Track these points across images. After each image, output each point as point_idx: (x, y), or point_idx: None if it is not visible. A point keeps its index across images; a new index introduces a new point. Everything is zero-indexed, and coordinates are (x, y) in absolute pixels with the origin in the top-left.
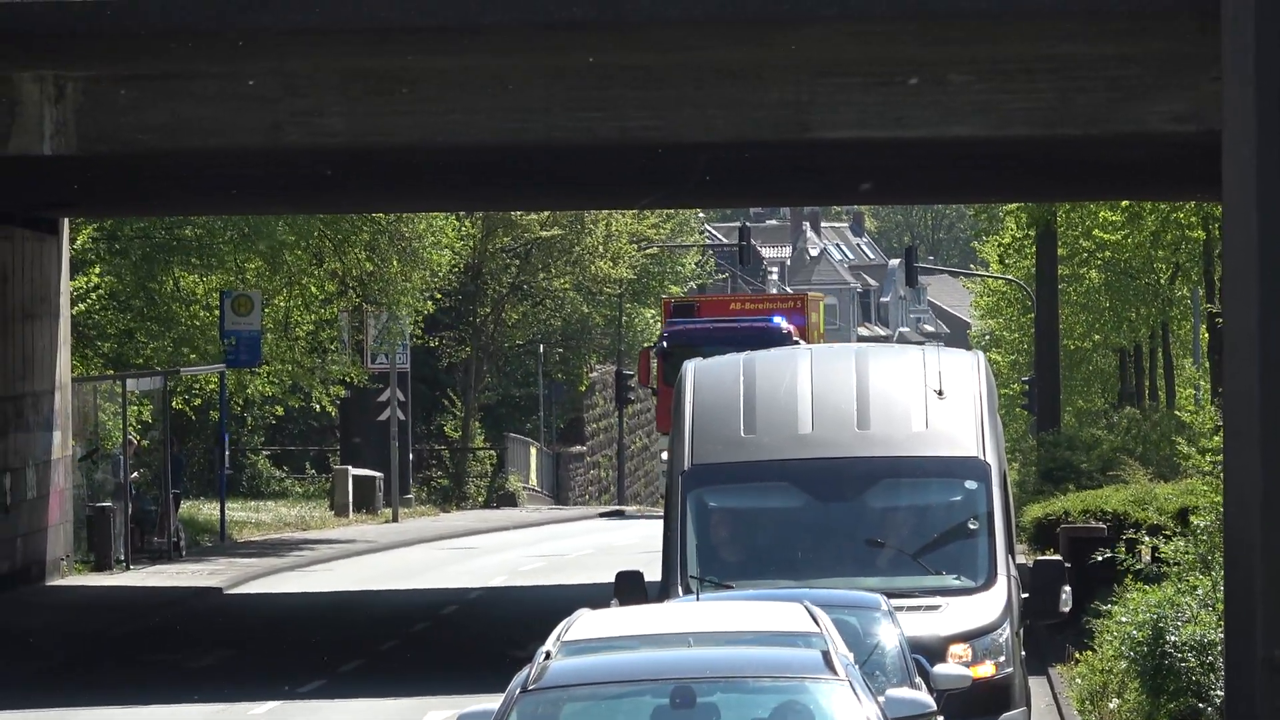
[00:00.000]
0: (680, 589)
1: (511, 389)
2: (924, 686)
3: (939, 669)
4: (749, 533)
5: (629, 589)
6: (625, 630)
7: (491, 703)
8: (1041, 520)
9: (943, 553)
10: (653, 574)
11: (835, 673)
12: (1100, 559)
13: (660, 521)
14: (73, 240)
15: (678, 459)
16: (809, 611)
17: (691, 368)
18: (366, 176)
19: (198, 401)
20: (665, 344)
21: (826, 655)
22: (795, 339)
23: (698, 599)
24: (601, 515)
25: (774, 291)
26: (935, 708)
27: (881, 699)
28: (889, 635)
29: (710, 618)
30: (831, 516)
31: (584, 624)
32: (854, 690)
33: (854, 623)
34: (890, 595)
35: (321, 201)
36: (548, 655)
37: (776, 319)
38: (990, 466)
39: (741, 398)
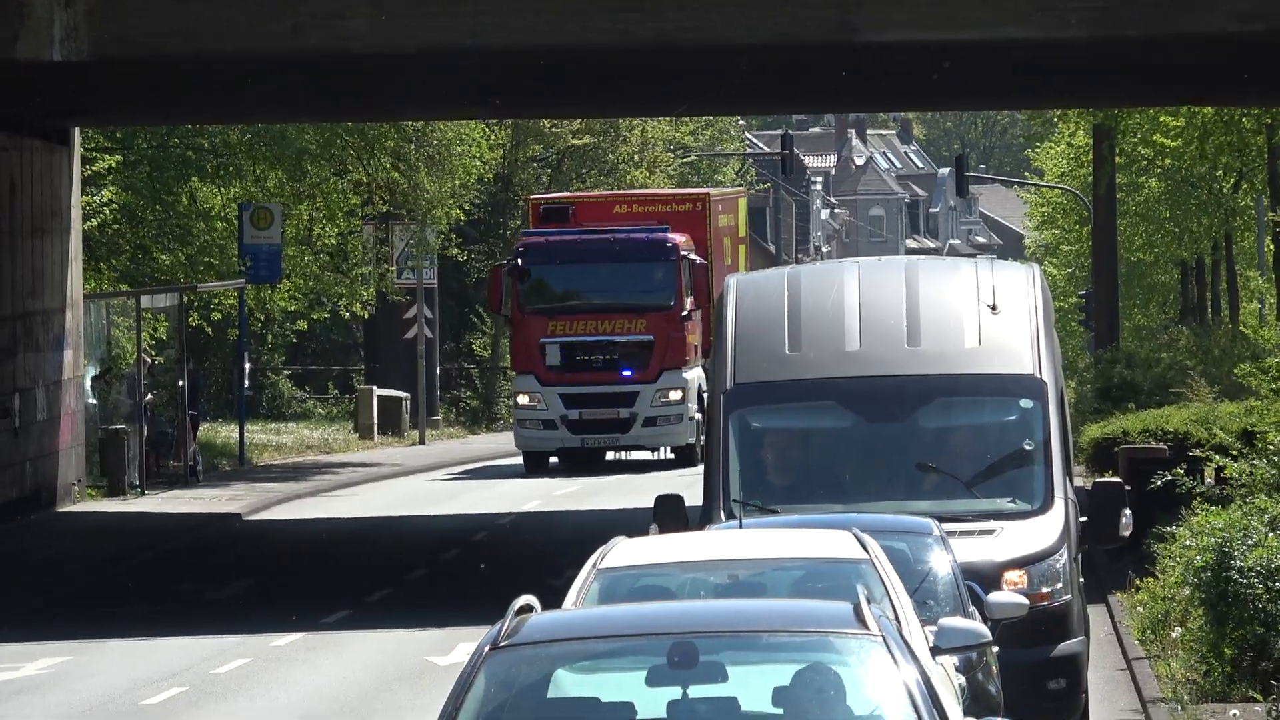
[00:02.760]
0: (723, 514)
1: None
2: (978, 615)
3: (993, 597)
4: (794, 455)
5: (669, 514)
6: (664, 557)
7: None
8: (1100, 441)
9: (997, 475)
10: (694, 498)
11: (867, 627)
12: (1161, 481)
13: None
14: (84, 151)
15: (719, 377)
16: (857, 538)
17: (733, 282)
18: (392, 82)
19: (216, 318)
20: (519, 260)
21: (857, 608)
22: (686, 252)
23: (740, 525)
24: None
25: (701, 190)
26: (990, 638)
27: (933, 628)
28: (941, 562)
29: (753, 544)
30: (881, 437)
31: (621, 551)
32: (889, 648)
33: (904, 549)
34: (942, 520)
35: (345, 108)
36: (525, 609)
37: (662, 230)
38: (1046, 384)
39: (786, 313)
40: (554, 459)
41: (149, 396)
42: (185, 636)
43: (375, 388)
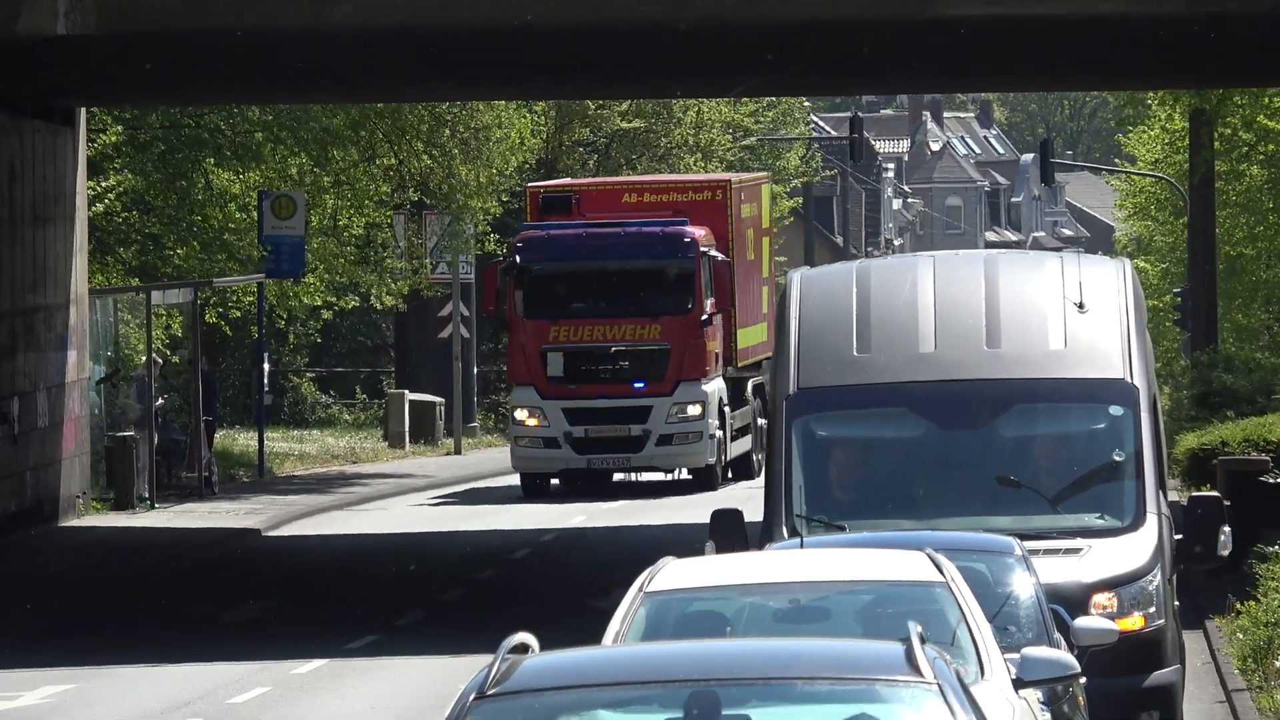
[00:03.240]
0: (785, 530)
1: None
2: (1063, 643)
3: (1081, 622)
4: (863, 466)
5: (727, 530)
6: (717, 579)
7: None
8: (1196, 452)
9: (1084, 488)
10: (753, 513)
11: (920, 673)
12: (1265, 494)
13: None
14: (91, 133)
15: (781, 382)
16: (931, 558)
17: (797, 277)
18: (425, 60)
19: (234, 315)
20: (516, 256)
21: (909, 650)
22: (707, 248)
23: (802, 543)
24: None
25: (721, 176)
26: (1078, 669)
27: (1016, 658)
28: (1023, 584)
29: (816, 565)
30: (957, 447)
31: (670, 573)
32: (945, 698)
33: (983, 569)
34: (1024, 537)
35: (374, 89)
36: (519, 648)
37: (679, 223)
38: (1138, 390)
39: (854, 311)
40: (555, 480)
41: (160, 401)
42: (199, 663)
43: (407, 392)
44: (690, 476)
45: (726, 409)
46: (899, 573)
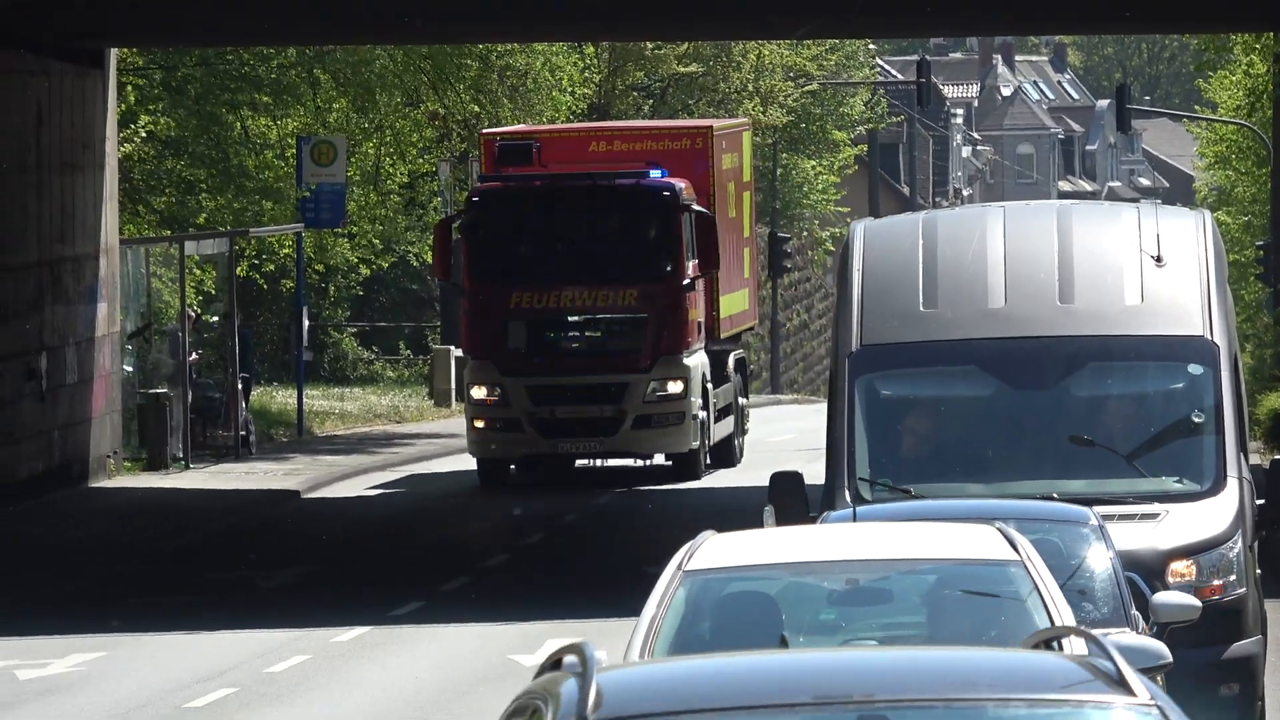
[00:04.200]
0: (847, 494)
1: None
2: (1141, 619)
3: (1161, 598)
4: (929, 427)
5: (786, 493)
6: (763, 557)
7: (615, 634)
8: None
9: (1162, 451)
10: (814, 475)
11: (1132, 692)
12: None
13: (823, 413)
14: (121, 77)
15: (844, 339)
16: (1004, 533)
17: (860, 229)
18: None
19: (270, 268)
20: (472, 212)
21: (1118, 668)
22: (689, 202)
23: (855, 515)
24: None
25: (702, 122)
26: (1170, 659)
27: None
28: (1098, 557)
29: (874, 540)
30: (1028, 407)
31: (711, 549)
32: None
33: (1055, 541)
34: (1099, 502)
35: (418, 30)
36: (579, 660)
37: (655, 173)
38: (1219, 348)
39: (920, 264)
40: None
41: (194, 357)
42: (234, 630)
43: (453, 348)
44: (669, 463)
45: (709, 386)
46: (967, 550)
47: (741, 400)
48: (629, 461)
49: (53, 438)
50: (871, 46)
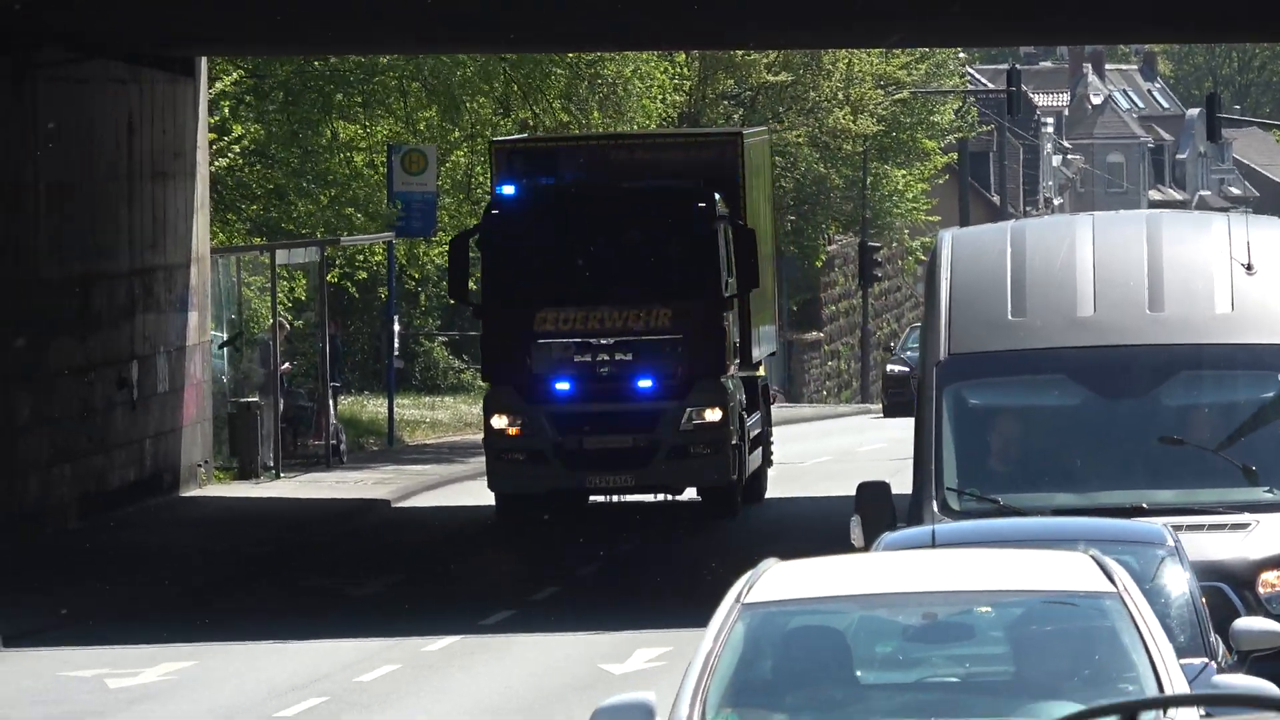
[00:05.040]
0: (935, 504)
1: None
2: (1221, 644)
3: (1242, 625)
4: (1018, 436)
5: (873, 503)
6: (830, 588)
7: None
8: None
9: (1254, 460)
10: (902, 485)
11: None
12: None
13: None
14: (212, 84)
15: (932, 347)
16: (1098, 562)
17: (948, 237)
18: (562, 8)
19: (362, 276)
20: (491, 226)
21: None
22: (725, 212)
23: (933, 535)
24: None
25: (730, 130)
26: (1277, 695)
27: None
28: (1175, 580)
29: (952, 569)
30: (1117, 416)
31: (773, 579)
32: None
33: (1129, 562)
34: (1189, 511)
35: (508, 39)
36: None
37: (694, 183)
38: None
39: (1009, 273)
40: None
41: (285, 366)
42: (325, 639)
43: None
44: (699, 499)
45: (743, 414)
46: (1057, 580)
47: (768, 429)
48: (647, 497)
49: (144, 447)
50: (961, 55)
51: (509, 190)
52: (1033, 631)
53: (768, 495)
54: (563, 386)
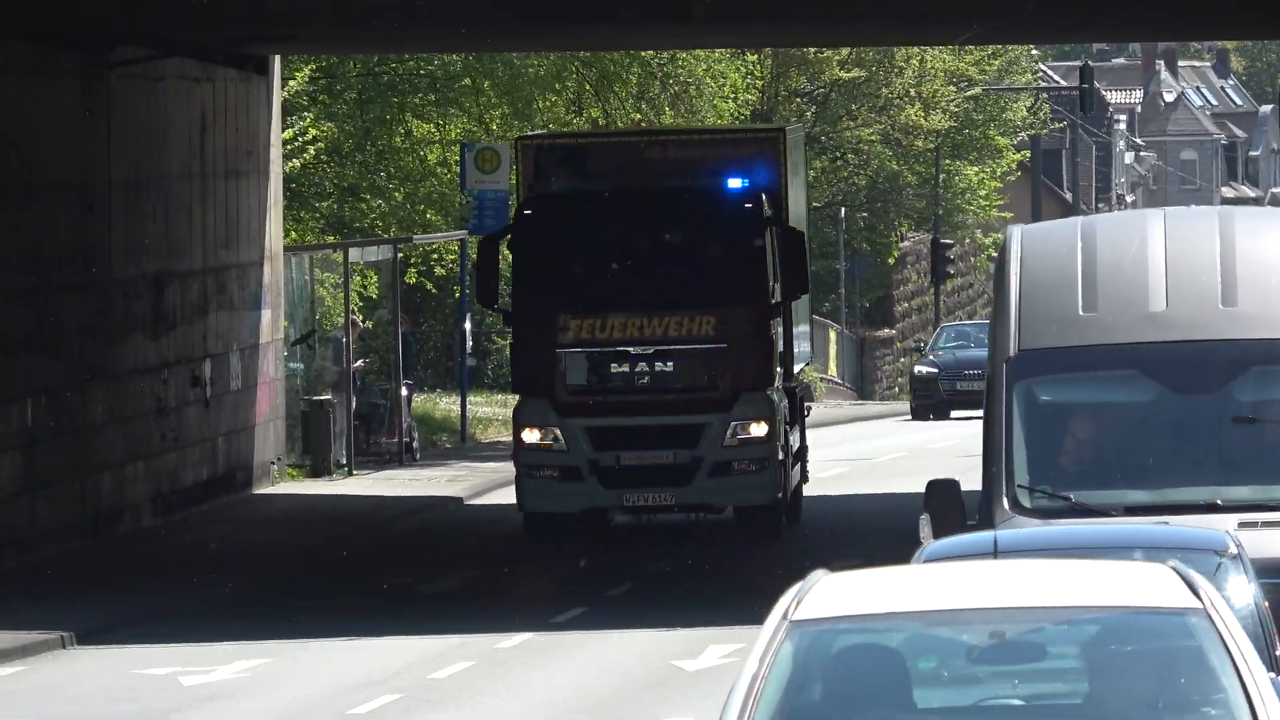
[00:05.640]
0: (1005, 501)
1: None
2: None
3: None
4: (1089, 433)
5: (942, 501)
6: (886, 604)
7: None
8: None
9: None
10: (974, 482)
11: None
12: None
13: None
14: (285, 82)
15: (1001, 343)
16: (1181, 575)
17: (1017, 233)
18: (634, 5)
19: (440, 273)
20: (524, 226)
21: None
22: (772, 213)
23: (995, 541)
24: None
25: (778, 126)
26: None
27: None
28: (1238, 590)
29: (1019, 582)
30: (1190, 412)
31: (823, 593)
32: None
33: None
34: (1263, 508)
35: (579, 36)
36: None
37: (739, 181)
38: None
39: (1079, 268)
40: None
41: (358, 364)
42: (398, 636)
43: None
44: (732, 513)
45: (786, 429)
46: (1136, 595)
47: (805, 444)
48: (677, 516)
49: (217, 445)
50: (1034, 52)
51: (541, 189)
52: (1110, 652)
53: (828, 492)
54: (599, 398)
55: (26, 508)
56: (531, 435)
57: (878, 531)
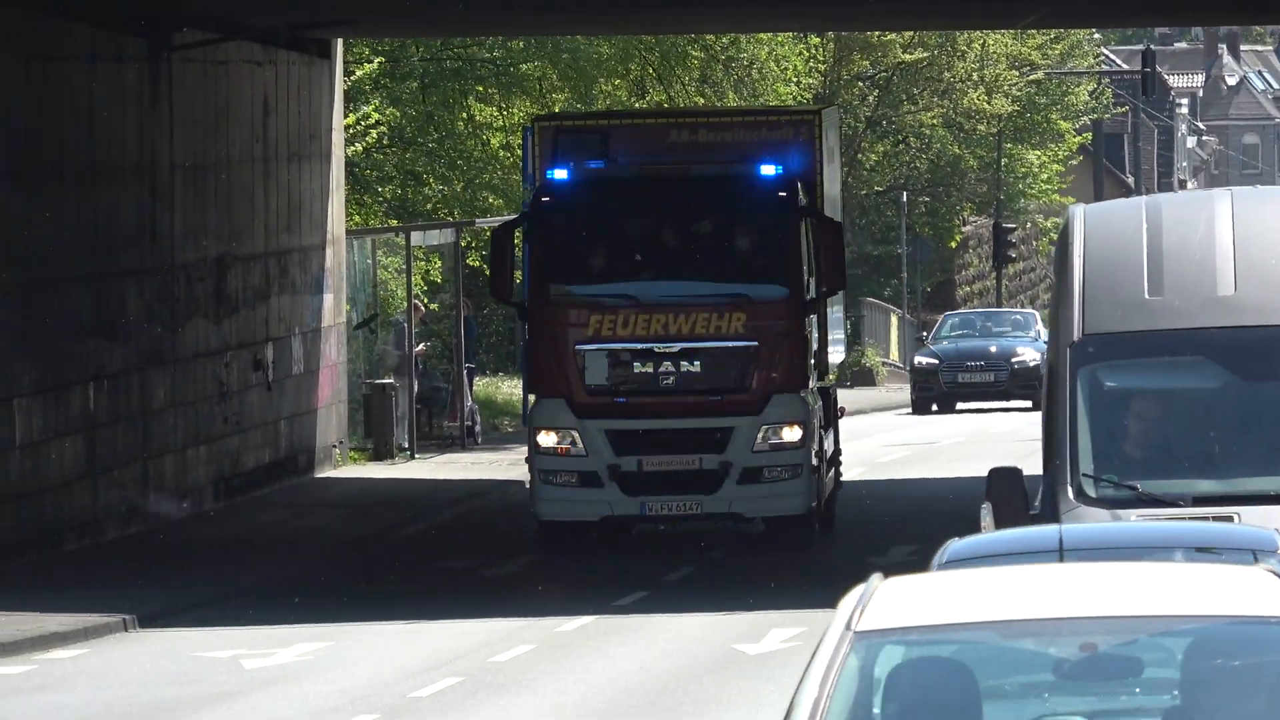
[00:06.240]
0: (1070, 490)
1: (868, 245)
2: None
3: None
4: (1155, 420)
5: (1004, 490)
6: (958, 612)
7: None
8: None
9: None
10: (1034, 467)
11: None
12: None
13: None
14: (347, 67)
15: (1064, 327)
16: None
17: (1080, 213)
18: None
19: None
20: (540, 213)
21: None
22: (796, 196)
23: (1060, 555)
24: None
25: (813, 108)
26: None
27: None
28: None
29: (1108, 590)
30: (1259, 399)
31: (886, 600)
32: None
33: None
34: None
35: (642, 19)
36: None
37: (771, 166)
38: None
39: (1145, 250)
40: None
41: (420, 347)
42: (460, 620)
43: None
44: (761, 525)
45: (821, 433)
46: (1235, 602)
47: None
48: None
49: (279, 428)
50: (1096, 36)
51: (559, 175)
52: (1211, 666)
53: (891, 476)
54: (620, 400)
55: (89, 491)
56: (548, 438)
57: (939, 517)
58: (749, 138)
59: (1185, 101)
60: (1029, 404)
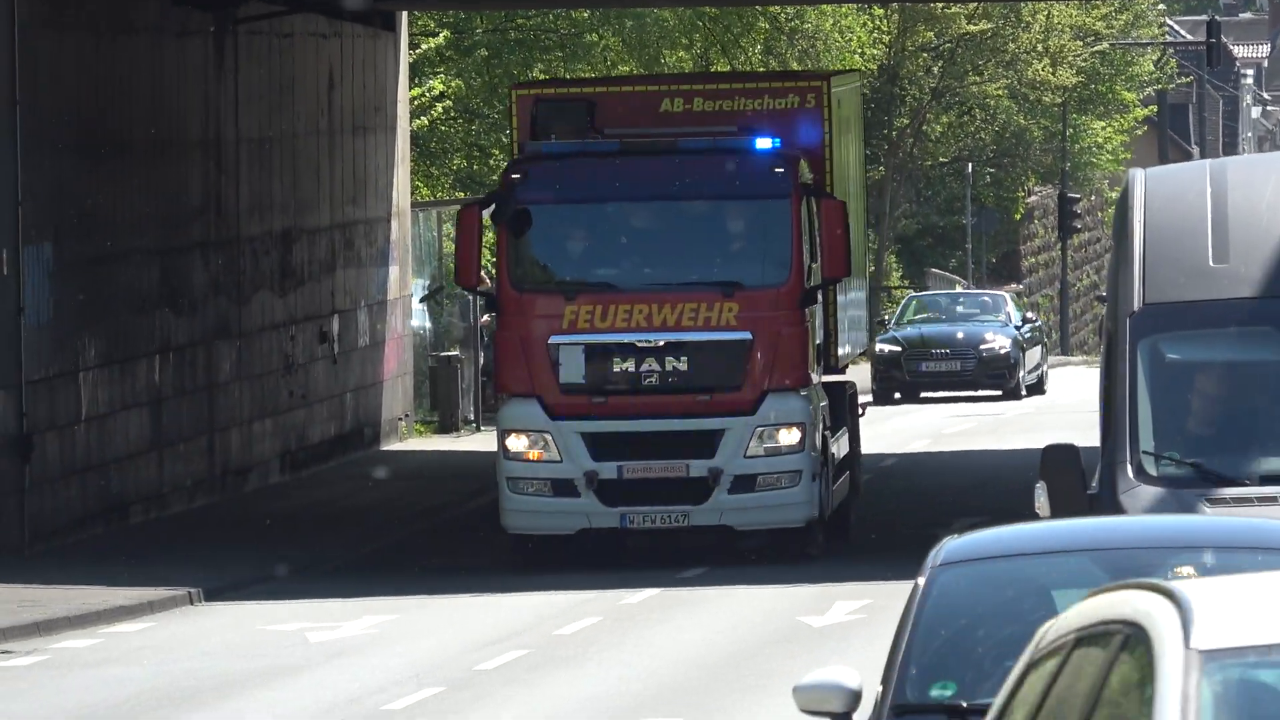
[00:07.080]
0: (1130, 468)
1: (933, 216)
2: None
3: None
4: (1220, 395)
5: (1059, 468)
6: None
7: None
8: None
9: None
10: (1091, 440)
11: None
12: None
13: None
14: (412, 39)
15: (1124, 297)
16: None
17: (1140, 177)
18: None
19: None
20: (513, 192)
21: None
22: (809, 180)
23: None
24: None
25: (820, 75)
26: None
27: None
28: None
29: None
30: None
31: (1219, 611)
32: None
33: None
34: None
35: None
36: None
37: (766, 139)
38: None
39: (1210, 215)
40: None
41: (485, 319)
42: (524, 593)
43: None
44: (756, 543)
45: (828, 434)
46: None
47: (858, 448)
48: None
49: (345, 401)
50: (1160, 6)
51: (532, 150)
52: None
53: (955, 448)
54: (598, 399)
55: (155, 464)
56: (518, 442)
57: (1003, 490)
58: (750, 107)
59: (1250, 72)
60: (999, 393)
